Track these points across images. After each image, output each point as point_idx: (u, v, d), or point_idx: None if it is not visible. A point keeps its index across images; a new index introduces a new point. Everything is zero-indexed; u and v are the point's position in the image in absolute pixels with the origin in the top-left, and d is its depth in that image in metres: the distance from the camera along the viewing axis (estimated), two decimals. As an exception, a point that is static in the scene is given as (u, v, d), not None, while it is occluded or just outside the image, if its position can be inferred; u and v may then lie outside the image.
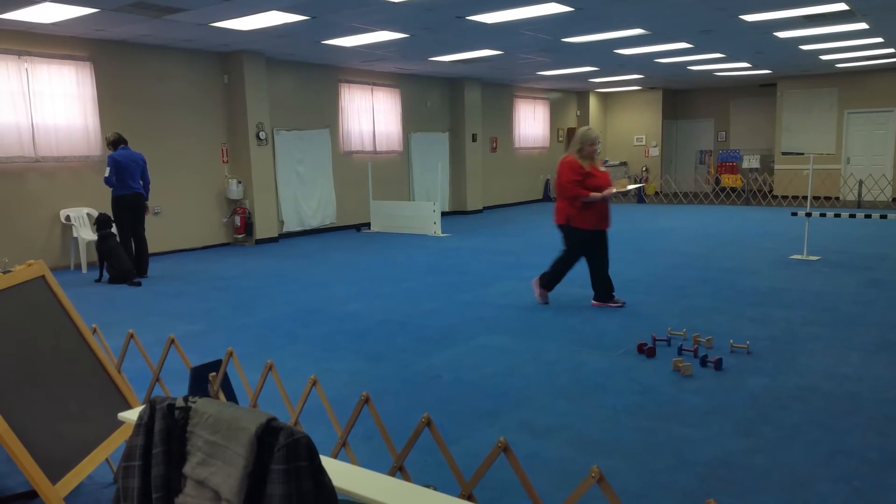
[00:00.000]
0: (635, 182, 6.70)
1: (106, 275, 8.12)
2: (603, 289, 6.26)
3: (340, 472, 1.86)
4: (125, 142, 8.20)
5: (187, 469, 1.54)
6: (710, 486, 2.95)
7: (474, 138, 15.46)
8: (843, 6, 8.36)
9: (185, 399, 1.59)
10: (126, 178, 8.04)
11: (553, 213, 6.33)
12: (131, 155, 8.12)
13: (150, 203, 8.95)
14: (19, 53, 8.50)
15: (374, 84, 13.36)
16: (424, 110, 14.69)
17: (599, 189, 6.05)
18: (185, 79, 10.40)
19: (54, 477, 2.42)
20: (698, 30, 9.75)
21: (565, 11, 8.16)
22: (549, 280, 6.37)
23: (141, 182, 8.22)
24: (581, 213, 6.10)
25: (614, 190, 6.16)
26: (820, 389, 4.07)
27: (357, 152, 13.19)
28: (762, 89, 18.31)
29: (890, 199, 15.73)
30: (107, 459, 3.11)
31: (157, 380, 2.89)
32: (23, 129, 8.58)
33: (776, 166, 17.20)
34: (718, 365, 4.47)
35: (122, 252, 8.01)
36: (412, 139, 14.39)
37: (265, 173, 11.23)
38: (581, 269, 8.17)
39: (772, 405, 3.83)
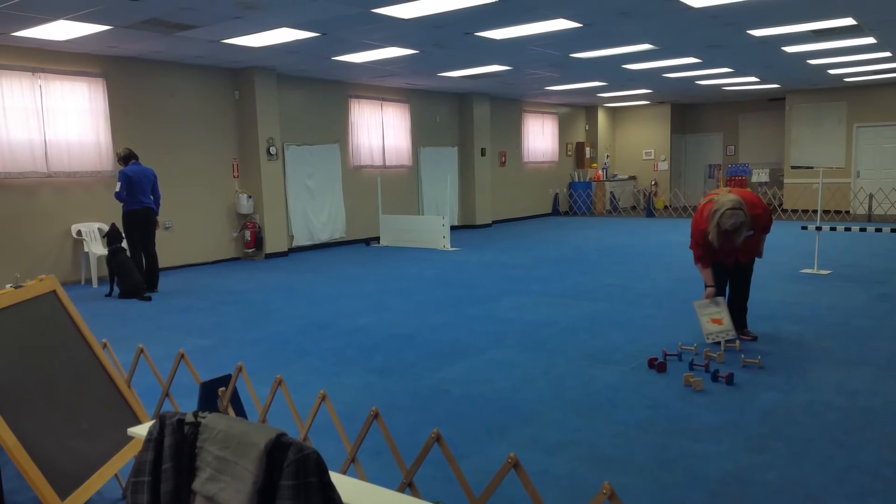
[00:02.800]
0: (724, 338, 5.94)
1: (116, 289, 8.16)
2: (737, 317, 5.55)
3: (350, 488, 1.86)
4: (136, 157, 8.27)
5: (196, 485, 1.54)
6: (723, 502, 2.92)
7: (483, 153, 15.49)
8: (850, 21, 8.35)
9: (195, 414, 1.60)
10: (137, 193, 8.10)
11: None
12: (142, 170, 8.18)
13: (160, 218, 9.01)
14: (33, 70, 8.60)
15: (383, 99, 13.43)
16: (433, 125, 14.75)
17: (722, 262, 5.33)
18: (197, 94, 10.49)
19: (63, 492, 2.42)
20: (706, 45, 9.77)
21: (573, 27, 8.20)
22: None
23: (151, 197, 8.27)
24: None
25: (704, 302, 5.37)
26: (833, 404, 4.03)
27: (367, 167, 13.25)
28: (771, 103, 18.28)
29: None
30: (116, 475, 3.11)
31: (167, 395, 2.89)
32: (35, 144, 8.67)
33: (785, 180, 17.13)
34: (730, 380, 4.44)
35: (133, 266, 8.05)
36: (421, 153, 14.44)
37: (275, 188, 11.29)
38: (582, 279, 8.15)
39: (784, 420, 3.80)
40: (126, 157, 8.18)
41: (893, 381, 4.43)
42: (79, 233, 9.10)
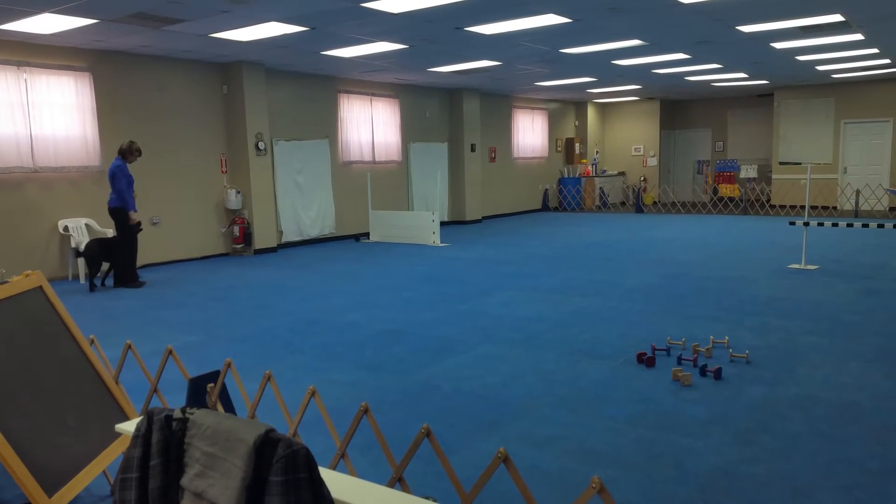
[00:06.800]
0: None
1: (109, 280, 8.24)
2: None
3: (339, 484, 1.85)
4: (120, 153, 8.24)
5: (185, 481, 1.53)
6: (711, 496, 2.93)
7: (473, 148, 15.49)
8: (838, 17, 8.40)
9: (183, 410, 1.59)
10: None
11: None
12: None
13: (148, 214, 8.98)
14: (18, 64, 8.51)
15: (373, 94, 13.40)
16: (423, 120, 14.73)
17: None
18: (185, 89, 10.42)
19: (51, 489, 2.41)
20: (695, 40, 9.79)
21: (563, 23, 8.20)
22: None
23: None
24: None
25: None
26: (820, 399, 4.06)
27: (356, 162, 13.21)
28: (759, 99, 18.37)
29: (887, 209, 15.76)
30: (104, 471, 3.09)
31: (155, 391, 2.87)
32: (21, 139, 8.59)
33: (773, 176, 17.23)
34: (718, 374, 4.47)
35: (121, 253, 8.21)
36: (411, 149, 14.41)
37: (264, 183, 11.24)
38: (571, 275, 8.17)
39: (772, 414, 3.82)
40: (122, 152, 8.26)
41: (880, 375, 4.47)
42: (66, 228, 9.03)
